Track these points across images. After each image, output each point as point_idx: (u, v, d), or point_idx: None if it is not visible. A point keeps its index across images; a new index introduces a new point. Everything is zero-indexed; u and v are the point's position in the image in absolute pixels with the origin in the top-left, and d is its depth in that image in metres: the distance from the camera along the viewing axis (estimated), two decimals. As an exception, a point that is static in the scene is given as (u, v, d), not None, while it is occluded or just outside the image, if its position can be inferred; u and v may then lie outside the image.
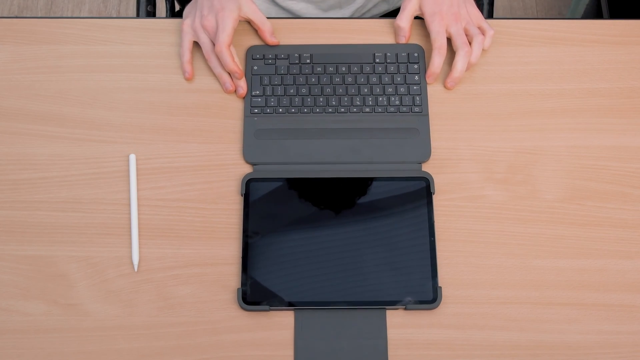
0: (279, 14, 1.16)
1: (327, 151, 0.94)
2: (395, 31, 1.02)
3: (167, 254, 0.90)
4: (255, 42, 1.03)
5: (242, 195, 0.92)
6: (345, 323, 0.86)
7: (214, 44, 0.97)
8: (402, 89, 0.98)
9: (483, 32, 1.00)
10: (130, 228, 0.91)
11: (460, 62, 0.97)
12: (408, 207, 0.91)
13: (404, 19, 1.00)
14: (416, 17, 1.04)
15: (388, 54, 1.00)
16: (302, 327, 0.86)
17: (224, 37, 0.95)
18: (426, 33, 1.03)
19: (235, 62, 0.96)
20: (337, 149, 0.94)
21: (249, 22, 1.01)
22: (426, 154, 0.95)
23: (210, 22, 0.96)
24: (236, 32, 1.04)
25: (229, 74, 0.97)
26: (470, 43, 0.99)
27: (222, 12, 0.96)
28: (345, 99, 0.97)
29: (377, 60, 1.00)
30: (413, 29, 1.04)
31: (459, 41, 0.98)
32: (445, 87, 0.99)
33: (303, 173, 0.93)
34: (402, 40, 1.01)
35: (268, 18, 1.01)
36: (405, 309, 0.86)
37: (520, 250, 0.91)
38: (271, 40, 1.00)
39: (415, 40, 1.03)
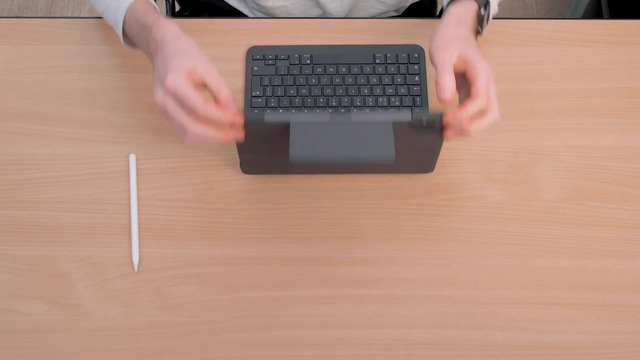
0: (311, 9, 1.14)
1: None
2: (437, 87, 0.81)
3: (167, 254, 0.90)
4: (255, 42, 1.03)
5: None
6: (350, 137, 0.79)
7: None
8: (402, 90, 0.98)
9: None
10: (130, 228, 0.91)
11: (487, 122, 0.81)
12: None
13: (447, 90, 0.79)
14: (415, 15, 1.04)
15: (388, 55, 1.00)
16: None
17: (194, 99, 0.76)
18: (428, 32, 1.03)
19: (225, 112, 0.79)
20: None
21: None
22: None
23: (159, 96, 0.79)
24: (234, 31, 1.03)
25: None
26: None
27: (167, 77, 0.77)
28: (346, 99, 0.97)
29: (378, 61, 1.00)
30: (413, 29, 1.03)
31: (494, 104, 0.81)
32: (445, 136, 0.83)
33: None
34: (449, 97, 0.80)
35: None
36: (412, 120, 0.79)
37: (520, 250, 0.91)
38: (232, 116, 0.79)
39: (416, 40, 1.03)
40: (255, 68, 0.99)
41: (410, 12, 1.20)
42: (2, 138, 0.97)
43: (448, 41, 0.82)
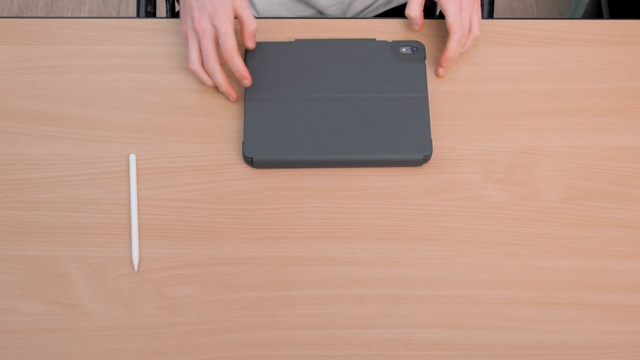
0: (305, 10, 1.15)
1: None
2: (410, 22, 1.00)
3: (167, 254, 0.90)
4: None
5: None
6: None
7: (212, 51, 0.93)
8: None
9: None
10: (130, 228, 0.91)
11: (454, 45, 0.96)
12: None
13: (414, 8, 0.97)
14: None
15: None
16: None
17: (230, 43, 0.91)
18: (428, 32, 1.03)
19: (245, 67, 0.94)
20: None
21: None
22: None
23: (204, 25, 0.92)
24: (235, 31, 1.03)
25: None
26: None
27: (217, 15, 0.91)
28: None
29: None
30: (410, 28, 1.03)
31: (466, 27, 0.97)
32: (437, 72, 0.99)
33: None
34: (416, 29, 1.01)
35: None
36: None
37: (520, 250, 0.91)
38: (249, 43, 0.96)
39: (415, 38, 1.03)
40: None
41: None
42: (2, 138, 0.97)
43: None
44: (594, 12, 1.63)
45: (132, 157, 0.95)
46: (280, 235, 0.91)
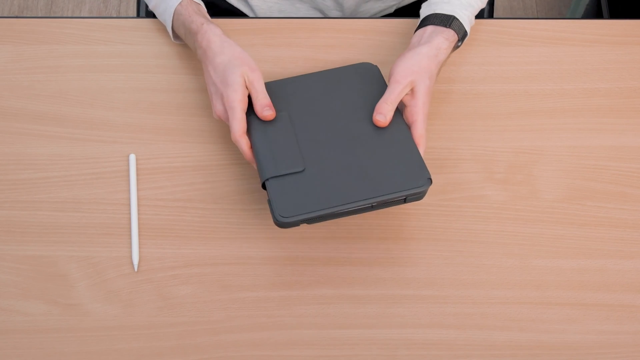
0: (308, 12, 1.15)
1: None
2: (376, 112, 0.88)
3: (167, 254, 0.90)
4: (255, 42, 1.02)
5: None
6: None
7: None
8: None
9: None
10: (130, 228, 0.91)
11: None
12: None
13: (391, 103, 0.88)
14: (415, 15, 1.04)
15: None
16: None
17: (235, 126, 0.86)
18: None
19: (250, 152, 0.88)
20: None
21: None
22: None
23: (218, 110, 0.89)
24: (234, 31, 1.04)
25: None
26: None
27: (225, 93, 0.87)
28: None
29: None
30: (413, 29, 1.03)
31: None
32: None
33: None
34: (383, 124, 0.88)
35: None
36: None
37: (520, 250, 0.91)
38: (262, 113, 0.88)
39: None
40: None
41: (409, 12, 1.21)
42: (2, 138, 0.97)
43: (414, 72, 0.89)
44: (594, 12, 1.63)
45: (132, 157, 0.95)
46: (280, 235, 0.91)
